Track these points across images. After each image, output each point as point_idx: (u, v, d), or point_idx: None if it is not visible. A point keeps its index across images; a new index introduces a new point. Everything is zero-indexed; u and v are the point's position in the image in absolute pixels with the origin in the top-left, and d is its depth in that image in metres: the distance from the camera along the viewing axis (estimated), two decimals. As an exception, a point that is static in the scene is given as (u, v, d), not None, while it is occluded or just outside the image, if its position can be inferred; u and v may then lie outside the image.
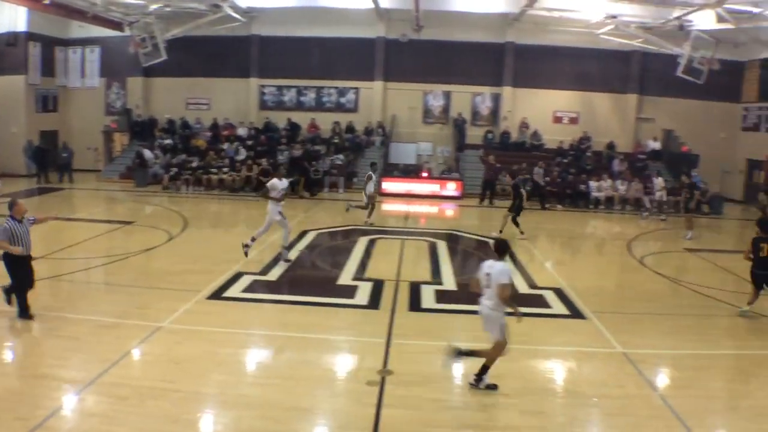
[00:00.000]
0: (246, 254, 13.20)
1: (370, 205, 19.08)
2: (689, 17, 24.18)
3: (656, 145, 29.12)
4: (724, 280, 14.15)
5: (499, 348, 7.39)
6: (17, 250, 8.88)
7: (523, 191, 17.81)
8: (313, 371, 7.89)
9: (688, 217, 19.77)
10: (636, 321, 10.70)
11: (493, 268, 7.34)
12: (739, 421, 7.20)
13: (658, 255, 17.06)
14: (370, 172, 19.51)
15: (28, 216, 9.41)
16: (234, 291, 11.21)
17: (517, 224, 17.57)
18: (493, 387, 7.45)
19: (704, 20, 24.37)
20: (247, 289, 11.35)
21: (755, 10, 22.90)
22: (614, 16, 25.33)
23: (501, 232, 17.49)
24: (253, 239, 13.35)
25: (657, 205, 23.69)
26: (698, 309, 11.78)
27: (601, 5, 24.69)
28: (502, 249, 7.61)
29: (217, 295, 10.91)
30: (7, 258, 9.11)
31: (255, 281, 11.93)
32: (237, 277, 12.02)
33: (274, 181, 13.65)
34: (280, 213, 13.52)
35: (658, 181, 24.06)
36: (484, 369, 7.46)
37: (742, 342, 9.97)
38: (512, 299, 7.41)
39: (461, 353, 7.48)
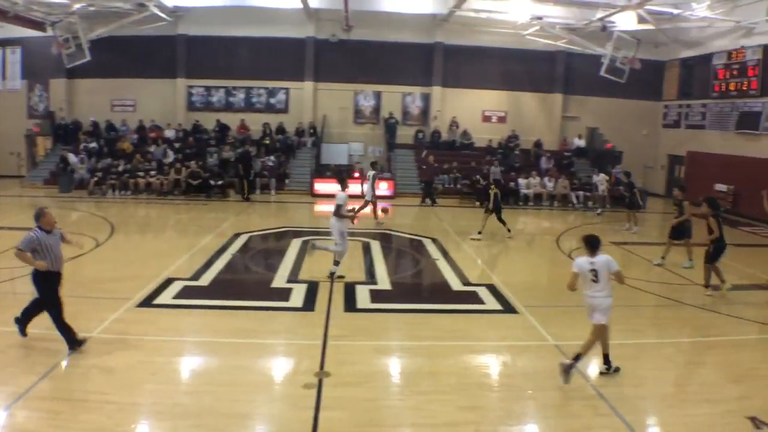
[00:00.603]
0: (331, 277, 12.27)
1: (371, 204, 19.66)
2: (612, 18, 24.98)
3: (581, 143, 30.07)
4: (648, 271, 14.68)
5: (604, 330, 8.03)
6: (41, 264, 7.95)
7: (491, 192, 18.01)
8: (249, 377, 7.75)
9: (628, 213, 20.64)
10: (566, 313, 10.94)
11: (598, 262, 8.05)
12: (668, 407, 7.46)
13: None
14: (372, 172, 19.89)
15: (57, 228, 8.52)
16: (165, 298, 10.90)
17: (503, 222, 17.86)
18: (617, 369, 8.09)
19: (626, 21, 25.24)
20: (178, 296, 11.04)
21: (675, 11, 23.91)
22: (539, 18, 25.95)
23: (480, 233, 17.76)
24: (337, 263, 12.39)
25: (601, 201, 24.52)
26: (624, 300, 12.09)
27: (527, 7, 25.22)
28: (595, 244, 8.26)
29: (147, 302, 10.58)
30: (37, 276, 8.12)
31: (186, 287, 11.63)
32: (167, 283, 11.70)
33: (344, 194, 12.44)
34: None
35: (600, 178, 24.86)
36: (606, 357, 8.07)
37: (666, 331, 10.35)
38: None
39: (572, 365, 7.69)
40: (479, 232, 17.75)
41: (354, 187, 25.52)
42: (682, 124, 29.42)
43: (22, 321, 8.38)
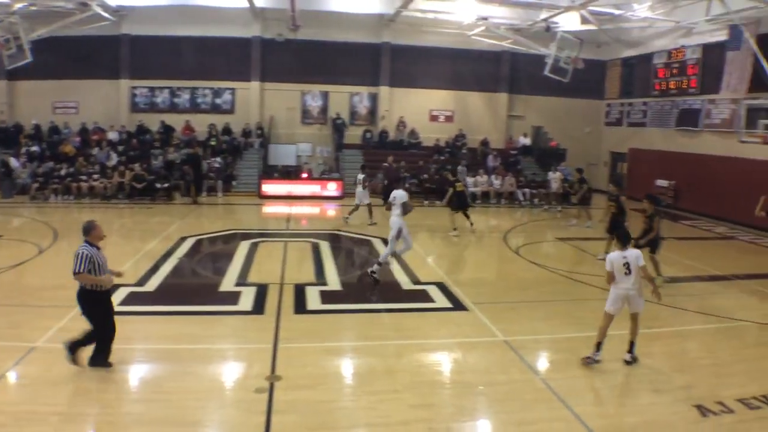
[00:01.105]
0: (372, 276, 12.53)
1: (364, 206, 19.82)
2: (555, 19, 25.43)
3: (527, 141, 30.59)
4: (593, 265, 14.99)
5: (639, 319, 8.56)
6: (107, 279, 7.66)
7: (456, 187, 18.93)
8: (199, 383, 7.61)
9: (579, 209, 21.33)
10: (514, 309, 11.12)
11: (630, 256, 8.36)
12: (617, 398, 7.66)
13: (532, 245, 17.80)
14: (362, 175, 20.09)
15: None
16: (111, 305, 10.65)
17: (467, 216, 18.79)
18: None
19: (569, 22, 25.73)
20: (124, 302, 10.69)
21: (616, 12, 24.48)
22: (485, 18, 26.23)
23: (455, 229, 18.32)
24: (380, 264, 12.67)
25: (555, 198, 24.98)
26: (570, 294, 12.44)
27: (473, 7, 25.45)
28: (627, 239, 8.62)
29: (92, 309, 10.32)
30: (85, 296, 7.64)
31: (132, 293, 11.33)
32: (112, 289, 11.38)
33: (404, 192, 13.15)
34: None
35: (556, 176, 25.29)
36: (632, 345, 8.54)
37: (612, 323, 10.55)
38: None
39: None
40: (454, 229, 18.41)
41: (302, 188, 25.64)
42: (624, 122, 30.20)
43: (101, 352, 7.84)
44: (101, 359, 7.77)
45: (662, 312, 11.19)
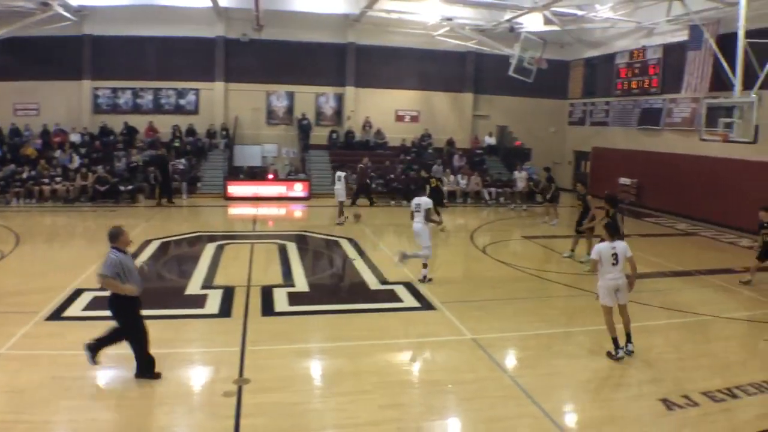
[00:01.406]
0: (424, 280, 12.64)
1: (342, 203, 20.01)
2: (519, 20, 25.66)
3: (492, 141, 30.86)
4: (559, 263, 15.18)
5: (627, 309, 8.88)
6: (131, 289, 7.43)
7: (427, 186, 19.43)
8: (166, 388, 7.48)
9: (548, 207, 21.61)
10: (482, 308, 11.17)
11: (618, 246, 8.66)
12: (584, 393, 7.73)
13: (499, 244, 17.91)
14: (342, 173, 20.14)
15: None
16: (75, 310, 10.38)
17: (438, 213, 18.55)
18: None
19: (533, 23, 25.99)
20: (88, 307, 10.48)
21: (579, 12, 24.77)
22: (449, 19, 26.33)
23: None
24: (425, 265, 12.78)
25: (521, 197, 25.20)
26: (537, 292, 12.55)
27: (437, 8, 25.53)
28: (615, 231, 9.06)
29: (56, 315, 10.06)
30: (117, 301, 7.49)
31: (96, 298, 11.06)
32: (77, 294, 11.16)
33: (429, 200, 13.29)
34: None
35: (522, 175, 25.48)
36: (629, 336, 8.80)
37: (577, 320, 10.72)
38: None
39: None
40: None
41: (268, 189, 25.47)
42: (587, 121, 30.62)
43: (95, 348, 7.66)
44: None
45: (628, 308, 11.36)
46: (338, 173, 20.21)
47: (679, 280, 13.68)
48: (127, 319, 7.57)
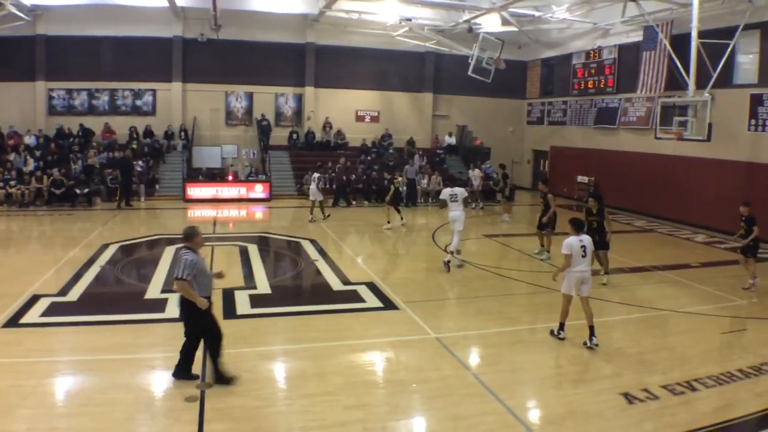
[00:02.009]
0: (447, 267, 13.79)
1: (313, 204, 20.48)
2: (477, 20, 25.83)
3: (452, 141, 31.03)
4: (519, 261, 15.35)
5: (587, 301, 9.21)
6: (203, 303, 7.25)
7: (392, 186, 20.03)
8: (128, 394, 7.33)
9: (504, 204, 22.16)
10: (445, 306, 11.25)
11: (585, 240, 9.04)
12: (546, 389, 7.82)
13: (461, 242, 18.00)
14: (317, 174, 20.58)
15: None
16: (32, 316, 10.08)
17: (398, 211, 19.91)
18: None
19: (491, 23, 26.18)
20: (46, 313, 10.22)
21: (536, 13, 25.10)
22: (409, 19, 26.41)
23: (389, 222, 19.46)
24: (456, 252, 14.31)
25: (473, 196, 25.33)
26: (498, 290, 12.65)
27: (397, 8, 25.57)
28: (582, 225, 9.39)
29: (13, 322, 9.76)
30: (189, 304, 7.28)
31: (54, 303, 10.84)
32: (34, 300, 10.86)
33: (463, 190, 14.99)
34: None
35: (475, 173, 25.64)
36: (592, 330, 9.08)
37: (539, 317, 10.83)
38: None
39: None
40: (394, 221, 19.60)
41: (228, 190, 25.23)
42: (545, 121, 31.05)
43: (218, 369, 7.52)
44: (222, 377, 7.51)
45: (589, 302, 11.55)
46: (314, 174, 20.56)
47: (638, 276, 13.94)
48: (198, 321, 7.42)
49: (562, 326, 9.28)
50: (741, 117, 19.30)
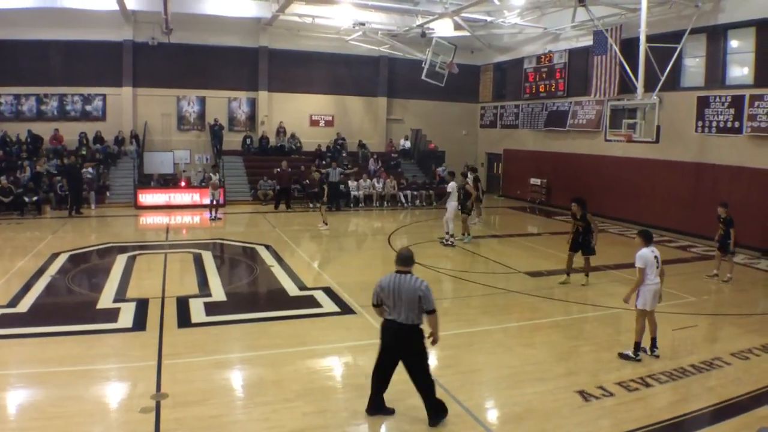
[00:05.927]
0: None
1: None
2: (430, 25, 26.03)
3: (407, 144, 31.16)
4: (475, 263, 15.49)
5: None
6: (437, 335, 6.86)
7: (325, 186, 20.64)
8: (81, 406, 7.14)
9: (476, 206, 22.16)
10: (403, 310, 11.21)
11: (656, 252, 8.80)
12: (503, 389, 7.89)
13: (417, 246, 18.03)
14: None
15: None
16: (-20, 328, 9.82)
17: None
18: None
19: (444, 28, 26.46)
20: (-6, 325, 9.99)
21: (488, 18, 25.39)
22: (362, 24, 26.43)
23: (325, 222, 20.02)
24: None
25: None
26: (455, 292, 12.77)
27: (350, 13, 25.59)
28: (648, 236, 8.87)
29: (-41, 334, 9.49)
30: (421, 335, 6.80)
31: (3, 315, 10.49)
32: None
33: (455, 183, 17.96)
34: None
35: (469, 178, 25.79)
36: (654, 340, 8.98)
37: (495, 317, 10.95)
38: None
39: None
40: (325, 223, 19.98)
41: (181, 196, 24.86)
42: (498, 124, 31.44)
43: (434, 414, 6.82)
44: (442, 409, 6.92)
45: (542, 304, 11.77)
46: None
47: (591, 276, 14.14)
48: (425, 352, 6.89)
49: (637, 346, 8.79)
50: (688, 119, 19.84)
